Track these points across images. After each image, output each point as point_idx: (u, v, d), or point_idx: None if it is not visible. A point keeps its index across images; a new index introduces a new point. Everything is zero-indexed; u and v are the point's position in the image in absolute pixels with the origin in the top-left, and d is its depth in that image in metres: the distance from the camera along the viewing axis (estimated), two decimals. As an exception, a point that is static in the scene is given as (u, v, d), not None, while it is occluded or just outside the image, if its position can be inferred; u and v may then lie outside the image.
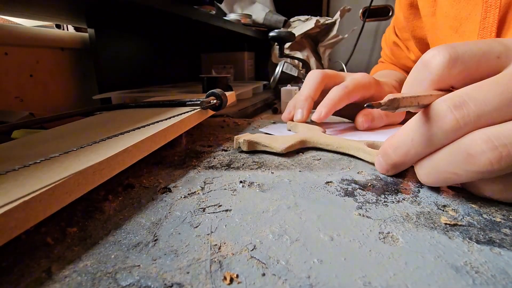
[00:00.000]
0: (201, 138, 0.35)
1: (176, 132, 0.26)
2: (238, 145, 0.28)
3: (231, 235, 0.15)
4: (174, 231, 0.16)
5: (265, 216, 0.17)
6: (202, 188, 0.21)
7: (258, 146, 0.28)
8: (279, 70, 0.66)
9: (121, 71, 0.59)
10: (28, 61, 0.50)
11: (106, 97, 0.50)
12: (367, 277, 0.12)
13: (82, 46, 0.58)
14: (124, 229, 0.16)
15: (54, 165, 0.17)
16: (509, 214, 0.17)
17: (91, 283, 0.12)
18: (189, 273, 0.12)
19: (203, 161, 0.27)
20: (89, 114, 0.34)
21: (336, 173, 0.23)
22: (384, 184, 0.21)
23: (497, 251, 0.13)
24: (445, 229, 0.15)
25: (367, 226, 0.16)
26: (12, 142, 0.24)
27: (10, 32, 0.47)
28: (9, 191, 0.14)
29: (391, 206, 0.18)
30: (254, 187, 0.21)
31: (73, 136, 0.24)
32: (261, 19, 0.89)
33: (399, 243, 0.14)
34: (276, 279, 0.12)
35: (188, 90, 0.55)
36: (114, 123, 0.28)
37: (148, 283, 0.12)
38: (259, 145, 0.28)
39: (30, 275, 0.13)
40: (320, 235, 0.15)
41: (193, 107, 0.32)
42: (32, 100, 0.51)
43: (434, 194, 0.19)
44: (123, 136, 0.22)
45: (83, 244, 0.15)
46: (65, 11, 0.44)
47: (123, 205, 0.19)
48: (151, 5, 0.39)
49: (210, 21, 0.54)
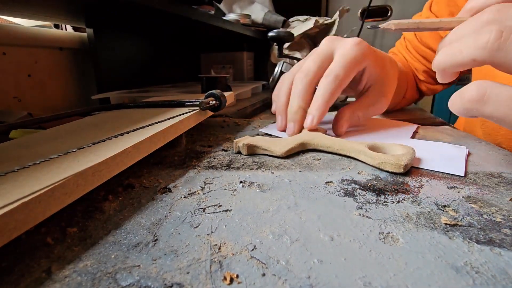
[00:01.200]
0: (201, 138, 0.35)
1: (175, 133, 0.26)
2: (237, 149, 0.28)
3: (231, 235, 0.15)
4: (174, 231, 0.16)
5: (265, 216, 0.17)
6: (202, 188, 0.21)
7: (258, 150, 0.28)
8: (278, 70, 0.66)
9: (120, 71, 0.59)
10: (26, 61, 0.50)
11: (105, 97, 0.50)
12: (367, 277, 0.12)
13: (81, 46, 0.58)
14: (124, 229, 0.16)
15: (53, 166, 0.17)
16: (509, 214, 0.17)
17: (91, 283, 0.12)
18: (189, 273, 0.12)
19: (203, 161, 0.27)
20: (88, 114, 0.34)
21: (336, 173, 0.23)
22: (384, 184, 0.21)
23: (497, 251, 0.14)
24: (445, 229, 0.15)
25: (367, 226, 0.16)
26: (10, 142, 0.23)
27: (8, 32, 0.46)
28: (9, 192, 0.14)
29: (391, 206, 0.18)
30: (254, 187, 0.21)
31: (72, 136, 0.24)
32: (260, 19, 0.89)
33: (399, 243, 0.14)
34: (276, 279, 0.12)
35: (187, 90, 0.55)
36: (113, 123, 0.27)
37: (148, 283, 0.12)
38: (259, 148, 0.28)
39: (30, 275, 0.13)
40: (320, 235, 0.15)
41: (192, 107, 0.32)
42: (31, 100, 0.51)
43: (434, 194, 0.19)
44: (122, 137, 0.22)
45: (83, 244, 0.15)
46: (63, 11, 0.44)
47: (123, 205, 0.19)
48: (150, 5, 0.39)
49: (209, 21, 0.53)
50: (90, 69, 0.58)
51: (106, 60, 0.55)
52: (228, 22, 0.61)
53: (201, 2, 0.52)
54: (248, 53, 0.87)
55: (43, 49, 0.52)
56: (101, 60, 0.54)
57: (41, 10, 0.42)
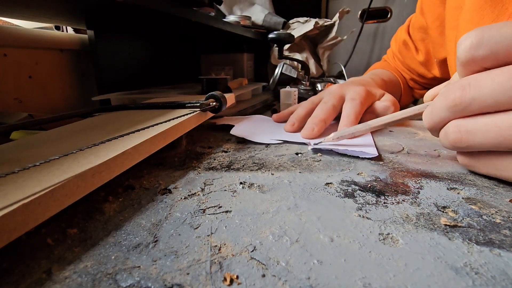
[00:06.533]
0: (201, 139, 0.35)
1: (175, 134, 0.26)
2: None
3: (231, 236, 0.15)
4: (174, 232, 0.16)
5: (265, 217, 0.17)
6: (202, 189, 0.21)
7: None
8: (278, 71, 0.66)
9: (120, 72, 0.59)
10: (27, 63, 0.50)
11: (106, 99, 0.50)
12: (367, 278, 0.12)
13: (81, 47, 0.58)
14: (124, 230, 0.16)
15: (53, 167, 0.17)
16: (508, 215, 0.17)
17: (91, 284, 0.12)
18: (189, 274, 0.12)
19: (203, 162, 0.27)
20: (88, 116, 0.34)
21: (336, 174, 0.23)
22: (384, 185, 0.21)
23: (496, 252, 0.14)
24: (445, 230, 0.15)
25: (367, 227, 0.16)
26: (11, 143, 0.24)
27: (9, 34, 0.47)
28: (9, 193, 0.14)
29: (391, 207, 0.18)
30: (254, 188, 0.21)
31: (72, 137, 0.24)
32: (260, 21, 0.89)
33: (399, 244, 0.14)
34: (276, 280, 0.12)
35: (187, 91, 0.55)
36: (113, 124, 0.28)
37: (148, 284, 0.12)
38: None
39: (31, 276, 0.13)
40: (320, 236, 0.15)
41: (192, 109, 0.32)
42: (31, 101, 0.51)
43: (434, 195, 0.19)
44: (123, 138, 0.22)
45: (83, 245, 0.15)
46: (64, 12, 0.44)
47: (123, 206, 0.19)
48: (150, 6, 0.39)
49: (209, 22, 0.54)
50: (90, 71, 0.59)
51: (107, 62, 0.55)
52: (228, 23, 0.61)
53: (201, 4, 0.52)
54: (248, 55, 0.87)
55: (44, 51, 0.53)
56: (101, 61, 0.54)
57: (42, 12, 0.42)
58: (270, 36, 0.59)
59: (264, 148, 0.31)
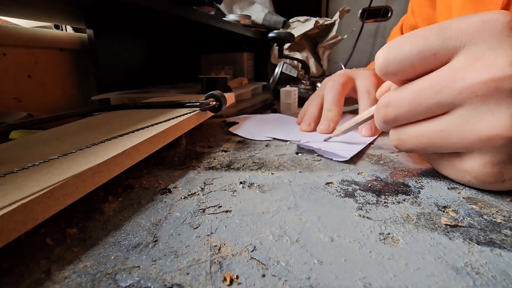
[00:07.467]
0: (201, 139, 0.35)
1: (175, 134, 0.26)
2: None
3: (231, 236, 0.15)
4: (174, 232, 0.16)
5: (265, 217, 0.17)
6: (202, 189, 0.21)
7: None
8: (279, 71, 0.66)
9: (120, 71, 0.59)
10: (26, 62, 0.50)
11: (105, 98, 0.50)
12: (368, 278, 0.12)
13: (81, 46, 0.58)
14: (124, 230, 0.16)
15: (52, 167, 0.17)
16: (509, 215, 0.17)
17: (91, 284, 0.12)
18: (189, 274, 0.12)
19: (203, 162, 0.26)
20: (88, 115, 0.34)
21: (336, 174, 0.23)
22: (385, 185, 0.21)
23: (497, 252, 0.13)
24: (446, 230, 0.15)
25: (367, 227, 0.16)
26: (10, 143, 0.23)
27: (8, 33, 0.46)
28: (8, 193, 0.14)
29: (391, 207, 0.18)
30: (254, 188, 0.21)
31: (71, 137, 0.24)
32: (261, 20, 0.89)
33: (399, 244, 0.14)
34: (276, 280, 0.12)
35: (187, 90, 0.55)
36: (113, 124, 0.27)
37: (148, 284, 0.12)
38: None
39: (30, 276, 0.13)
40: (320, 236, 0.15)
41: (192, 108, 0.32)
42: (31, 101, 0.51)
43: (434, 195, 0.19)
44: (122, 137, 0.22)
45: (83, 245, 0.15)
46: (64, 11, 0.44)
47: (123, 206, 0.19)
48: (150, 6, 0.39)
49: (209, 22, 0.53)
50: (90, 70, 0.58)
51: (106, 61, 0.55)
52: (228, 23, 0.61)
53: (201, 3, 0.51)
54: (248, 54, 0.87)
55: (43, 50, 0.52)
56: (101, 60, 0.54)
57: (41, 11, 0.42)
58: (270, 35, 0.59)
59: (264, 147, 0.31)
